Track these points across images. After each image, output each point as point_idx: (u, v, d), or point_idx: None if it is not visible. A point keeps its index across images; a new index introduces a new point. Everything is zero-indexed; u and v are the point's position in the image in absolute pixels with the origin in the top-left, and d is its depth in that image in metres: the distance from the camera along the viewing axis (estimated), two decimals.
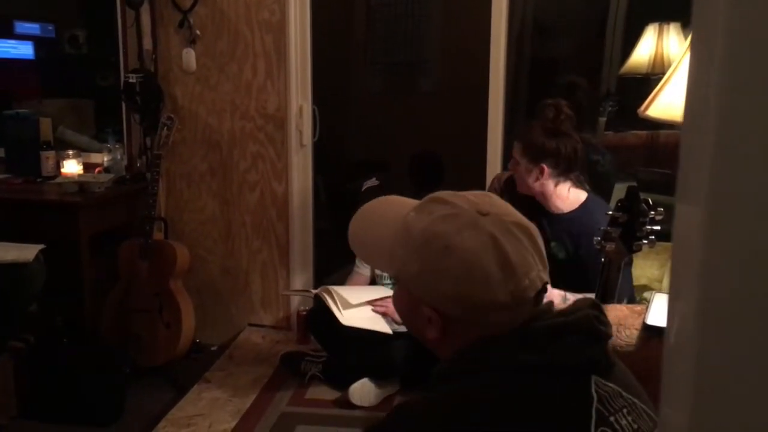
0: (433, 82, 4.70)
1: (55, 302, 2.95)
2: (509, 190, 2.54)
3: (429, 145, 4.09)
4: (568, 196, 2.31)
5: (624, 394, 0.92)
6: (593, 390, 0.89)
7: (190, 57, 3.24)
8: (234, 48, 3.22)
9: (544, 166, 2.24)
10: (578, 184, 2.34)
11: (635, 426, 0.90)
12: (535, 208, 2.32)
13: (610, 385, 0.92)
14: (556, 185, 2.27)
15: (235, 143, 3.30)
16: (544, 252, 0.96)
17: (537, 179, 2.26)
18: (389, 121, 4.49)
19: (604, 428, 0.87)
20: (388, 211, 1.05)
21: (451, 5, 4.54)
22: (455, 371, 0.96)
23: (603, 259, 1.69)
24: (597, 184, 2.67)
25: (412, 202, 1.04)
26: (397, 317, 2.79)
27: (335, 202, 4.29)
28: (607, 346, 0.95)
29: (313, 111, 3.31)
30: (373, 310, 2.78)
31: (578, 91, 3.76)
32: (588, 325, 0.92)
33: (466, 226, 0.92)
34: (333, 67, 4.17)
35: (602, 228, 1.66)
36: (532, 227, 0.96)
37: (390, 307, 2.78)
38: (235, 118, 3.28)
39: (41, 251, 2.59)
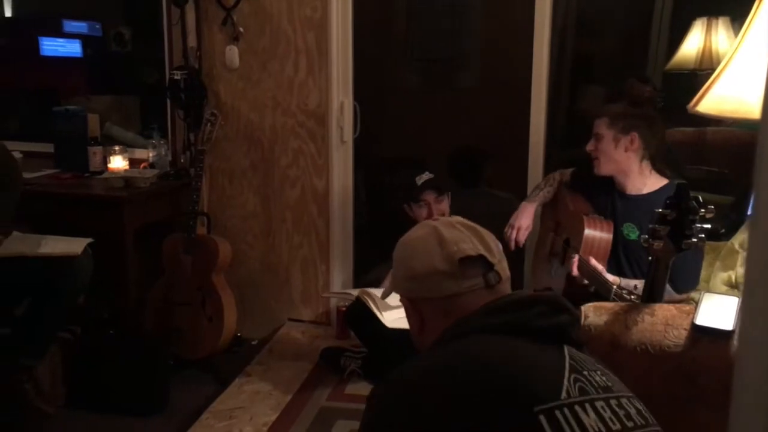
0: (473, 78, 4.67)
1: (101, 295, 3.02)
2: (580, 180, 2.54)
3: (468, 141, 4.07)
4: (650, 177, 2.33)
5: (596, 364, 1.04)
6: (566, 352, 1.01)
7: (233, 54, 3.27)
8: (276, 45, 3.24)
9: (635, 135, 2.27)
10: (660, 171, 2.36)
11: (609, 384, 1.00)
12: (610, 190, 2.36)
13: (583, 354, 1.04)
14: (641, 161, 2.30)
15: (276, 139, 3.33)
16: (493, 244, 1.18)
17: (626, 150, 2.28)
18: (429, 117, 4.47)
19: (578, 376, 0.97)
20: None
21: (493, 0, 4.51)
22: (435, 345, 1.11)
23: (650, 258, 1.66)
24: None
25: None
26: None
27: (375, 198, 4.29)
28: (577, 324, 1.11)
29: (354, 107, 3.32)
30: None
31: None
32: (553, 299, 1.08)
33: (419, 227, 1.22)
34: (374, 63, 4.17)
35: (650, 226, 1.63)
36: (479, 227, 1.20)
37: None
38: (276, 114, 3.31)
39: (89, 245, 2.65)
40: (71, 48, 4.25)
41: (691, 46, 3.36)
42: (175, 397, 2.81)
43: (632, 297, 1.87)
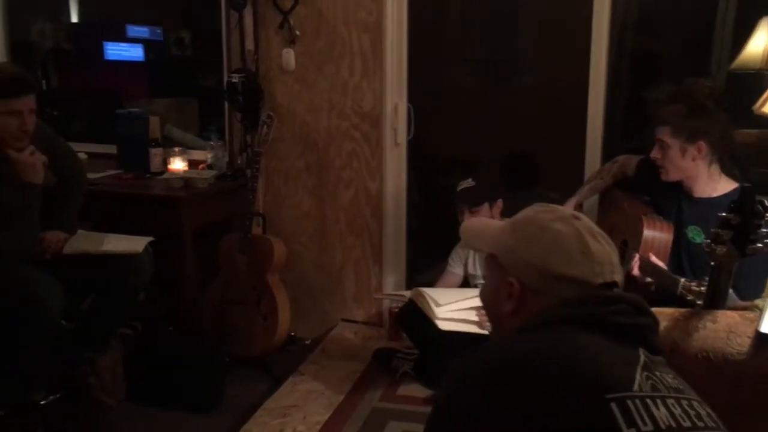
0: (528, 79, 4.62)
1: (161, 292, 3.09)
2: (645, 173, 2.47)
3: (523, 143, 4.02)
4: (719, 181, 2.27)
5: (668, 368, 1.03)
6: (641, 352, 1.01)
7: (289, 57, 3.32)
8: (332, 47, 3.27)
9: (702, 143, 2.21)
10: (731, 175, 2.30)
11: (680, 387, 0.99)
12: (677, 192, 2.30)
13: (658, 358, 1.03)
14: (710, 165, 2.25)
15: (331, 141, 3.36)
16: (619, 263, 1.13)
17: (694, 159, 2.23)
18: (483, 119, 4.44)
19: (650, 374, 0.97)
20: (496, 221, 1.29)
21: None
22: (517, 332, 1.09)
23: (713, 264, 1.61)
24: None
25: None
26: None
27: (428, 200, 4.29)
28: (656, 330, 1.08)
29: (408, 109, 3.32)
30: (477, 315, 2.74)
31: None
32: (637, 300, 1.06)
33: (561, 219, 1.13)
34: (428, 64, 4.16)
35: (713, 230, 1.58)
36: (611, 241, 1.14)
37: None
38: (331, 116, 3.34)
39: (149, 243, 2.72)
40: (134, 52, 4.38)
41: (756, 45, 3.25)
42: (230, 394, 2.87)
43: (701, 289, 1.81)
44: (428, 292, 2.78)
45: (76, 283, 2.56)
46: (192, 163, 3.48)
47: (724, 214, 1.55)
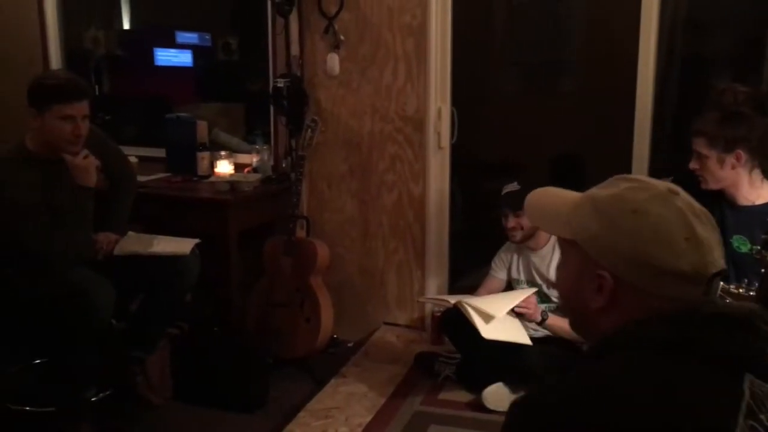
0: (574, 82, 4.56)
1: (207, 293, 3.15)
2: (683, 186, 2.43)
3: (568, 147, 3.98)
4: (762, 187, 2.22)
5: None
6: (746, 386, 0.84)
7: (334, 61, 3.35)
8: (376, 52, 3.29)
9: (740, 152, 2.16)
10: None
11: None
12: (718, 201, 2.25)
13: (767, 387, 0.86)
14: (751, 171, 2.20)
15: (374, 145, 3.38)
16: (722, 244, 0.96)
17: (733, 167, 2.18)
18: (528, 122, 4.40)
19: (753, 423, 0.81)
20: (567, 192, 1.09)
21: (598, 1, 4.39)
22: (603, 350, 0.94)
23: (763, 270, 1.58)
24: None
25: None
26: (537, 317, 2.73)
27: (471, 204, 4.27)
28: None
29: (452, 113, 3.32)
30: (516, 311, 2.72)
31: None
32: (749, 320, 0.89)
33: (657, 198, 0.94)
34: (472, 68, 4.15)
35: (762, 236, 1.55)
36: (713, 220, 0.97)
37: (531, 308, 2.73)
38: (375, 120, 3.35)
39: (196, 245, 2.78)
40: (183, 58, 4.47)
41: None
42: (273, 395, 2.90)
43: (740, 291, 1.76)
44: (471, 306, 2.70)
45: (126, 284, 2.62)
46: (238, 167, 3.54)
47: None
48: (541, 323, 2.75)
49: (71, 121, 2.46)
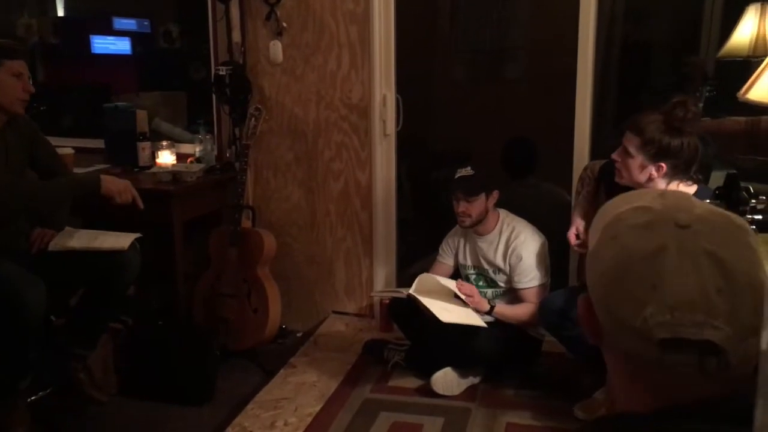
0: (518, 70, 4.62)
1: (152, 286, 3.09)
2: (605, 178, 2.47)
3: (514, 133, 4.02)
4: (677, 189, 2.24)
5: None
6: None
7: (276, 49, 3.30)
8: (319, 39, 3.26)
9: (663, 165, 2.16)
10: (690, 179, 2.24)
11: None
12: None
13: None
14: (667, 184, 2.20)
15: (319, 133, 3.35)
16: (743, 319, 0.70)
17: (651, 179, 2.19)
18: (473, 110, 4.44)
19: None
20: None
21: None
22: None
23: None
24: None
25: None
26: (483, 306, 2.76)
27: (418, 191, 4.29)
28: None
29: (397, 100, 3.32)
30: (459, 289, 2.74)
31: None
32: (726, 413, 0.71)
33: (645, 226, 0.75)
34: (417, 56, 4.15)
35: None
36: (744, 276, 0.71)
37: (475, 296, 2.76)
38: (320, 108, 3.33)
39: (137, 239, 2.71)
40: (121, 45, 4.35)
41: (744, 33, 3.26)
42: (222, 387, 2.87)
43: None
44: (425, 303, 2.66)
45: (63, 280, 2.55)
46: (180, 157, 3.47)
47: (708, 201, 1.55)
48: (489, 312, 2.78)
49: (21, 78, 2.46)
